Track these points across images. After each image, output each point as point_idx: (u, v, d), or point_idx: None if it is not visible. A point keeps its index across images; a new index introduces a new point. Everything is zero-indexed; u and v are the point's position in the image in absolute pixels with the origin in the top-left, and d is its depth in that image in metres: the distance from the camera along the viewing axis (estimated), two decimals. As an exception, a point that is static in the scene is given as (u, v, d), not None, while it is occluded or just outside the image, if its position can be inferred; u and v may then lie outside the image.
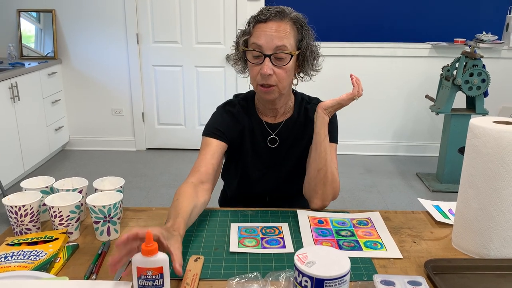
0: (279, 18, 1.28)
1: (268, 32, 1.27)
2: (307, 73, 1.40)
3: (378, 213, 1.31)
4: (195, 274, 1.00)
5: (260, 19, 1.29)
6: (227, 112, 1.45)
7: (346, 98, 1.31)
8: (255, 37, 1.29)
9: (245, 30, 1.33)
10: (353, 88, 1.31)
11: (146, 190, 3.45)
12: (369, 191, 3.50)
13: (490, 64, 3.80)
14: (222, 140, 1.40)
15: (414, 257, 1.10)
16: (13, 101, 3.34)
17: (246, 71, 1.41)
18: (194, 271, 1.01)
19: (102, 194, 1.18)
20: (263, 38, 1.27)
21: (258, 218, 1.28)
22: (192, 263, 1.04)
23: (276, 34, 1.26)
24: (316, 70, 1.41)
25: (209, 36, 4.02)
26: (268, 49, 1.27)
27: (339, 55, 3.95)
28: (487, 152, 1.03)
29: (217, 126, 1.42)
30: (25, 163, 3.52)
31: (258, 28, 1.29)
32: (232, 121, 1.44)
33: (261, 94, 1.35)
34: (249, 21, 1.33)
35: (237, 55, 1.39)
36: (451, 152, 3.43)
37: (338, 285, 0.76)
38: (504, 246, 1.06)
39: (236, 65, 1.43)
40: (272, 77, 1.29)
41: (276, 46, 1.26)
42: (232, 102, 1.48)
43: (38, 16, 3.99)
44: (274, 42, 1.26)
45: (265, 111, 1.45)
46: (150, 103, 4.22)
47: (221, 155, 1.39)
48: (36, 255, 1.03)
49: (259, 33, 1.28)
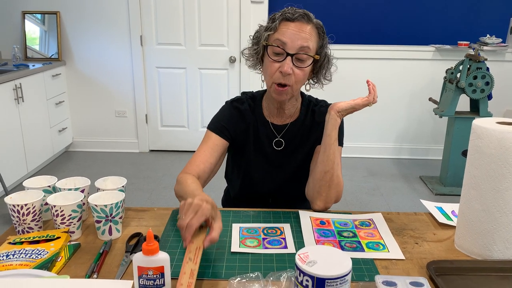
0: (306, 21, 1.29)
1: (294, 31, 1.27)
2: (319, 80, 1.40)
3: (381, 214, 1.31)
4: (198, 247, 0.98)
5: (288, 17, 1.29)
6: (235, 108, 1.45)
7: (361, 103, 1.30)
8: (280, 33, 1.28)
9: (270, 26, 1.31)
10: (369, 94, 1.30)
11: (149, 192, 3.45)
12: (372, 194, 3.49)
13: (494, 67, 3.80)
14: (225, 138, 1.40)
15: (416, 259, 1.09)
16: (17, 102, 3.35)
17: (258, 67, 1.41)
18: (197, 243, 0.99)
19: (104, 194, 1.18)
20: (288, 36, 1.27)
21: (260, 219, 1.28)
22: (195, 234, 1.01)
23: (302, 35, 1.27)
24: (328, 79, 1.41)
25: (212, 38, 4.03)
26: (292, 48, 1.27)
27: (344, 58, 3.94)
28: (490, 153, 1.02)
29: (223, 122, 1.42)
30: (29, 164, 3.53)
31: (284, 25, 1.29)
32: (238, 118, 1.44)
33: (274, 93, 1.33)
34: (274, 18, 1.31)
35: (255, 49, 1.37)
36: (454, 155, 3.42)
37: (340, 284, 0.76)
38: (507, 248, 1.06)
39: (248, 60, 1.41)
40: (290, 77, 1.28)
41: (300, 46, 1.26)
42: (240, 99, 1.47)
43: (42, 18, 4.01)
44: (299, 42, 1.26)
45: (272, 112, 1.44)
46: (153, 105, 4.23)
47: (220, 153, 1.40)
48: (37, 254, 1.03)
49: (285, 30, 1.28)
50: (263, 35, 1.32)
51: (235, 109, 1.45)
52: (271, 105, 1.43)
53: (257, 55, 1.37)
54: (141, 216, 1.29)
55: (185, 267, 0.91)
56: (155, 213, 1.31)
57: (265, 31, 1.32)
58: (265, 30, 1.32)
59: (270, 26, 1.31)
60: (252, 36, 1.39)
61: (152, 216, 1.30)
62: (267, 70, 1.33)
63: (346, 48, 3.96)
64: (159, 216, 1.29)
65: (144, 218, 1.28)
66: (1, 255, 1.02)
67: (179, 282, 0.88)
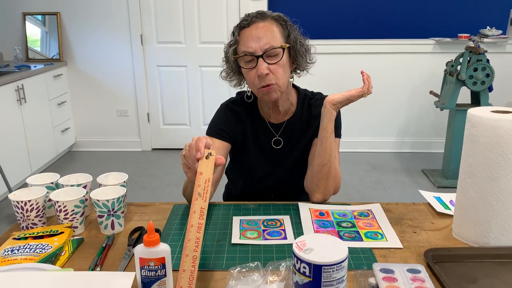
0: (261, 19, 1.30)
1: (254, 34, 1.28)
2: (302, 67, 1.40)
3: (379, 205, 1.32)
4: (207, 180, 0.94)
5: (243, 25, 1.31)
6: (230, 110, 1.46)
7: (355, 94, 1.29)
8: (242, 43, 1.30)
9: (231, 41, 1.34)
10: (363, 85, 1.30)
11: (152, 190, 3.48)
12: (375, 188, 3.50)
13: (494, 59, 3.79)
14: (226, 140, 1.41)
15: (414, 247, 1.11)
16: (19, 103, 3.38)
17: (243, 82, 1.42)
18: (206, 174, 0.95)
19: (106, 189, 1.20)
20: (250, 41, 1.28)
21: (260, 211, 1.30)
22: (204, 163, 0.97)
23: (262, 34, 1.28)
24: (311, 63, 1.41)
25: (212, 35, 4.04)
26: (257, 50, 1.28)
27: (343, 53, 3.95)
28: (485, 141, 1.04)
29: (221, 125, 1.43)
30: (32, 164, 3.56)
31: (244, 34, 1.30)
32: (235, 120, 1.45)
33: (263, 96, 1.34)
34: (233, 31, 1.34)
35: (229, 67, 1.39)
36: (456, 147, 3.42)
37: (336, 271, 0.78)
38: (504, 235, 1.07)
39: (230, 80, 1.43)
40: (269, 76, 1.29)
41: (264, 44, 1.27)
42: (236, 101, 1.48)
43: (43, 19, 4.03)
44: (261, 42, 1.27)
45: (268, 111, 1.45)
46: (155, 104, 4.25)
47: (224, 155, 1.40)
48: (42, 248, 1.05)
49: (246, 38, 1.29)
50: (229, 51, 1.34)
51: (231, 111, 1.46)
52: (265, 105, 1.44)
53: (233, 72, 1.39)
54: (143, 211, 1.31)
55: (195, 205, 0.89)
56: (157, 207, 1.34)
57: (230, 47, 1.34)
58: (229, 46, 1.34)
59: (231, 40, 1.34)
60: (223, 58, 1.41)
61: (154, 210, 1.32)
62: (247, 79, 1.35)
63: (346, 43, 3.97)
64: (161, 210, 1.31)
65: (146, 212, 1.30)
66: (6, 250, 1.04)
67: (189, 224, 0.86)
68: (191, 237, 0.86)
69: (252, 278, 0.94)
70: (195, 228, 0.86)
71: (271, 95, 1.32)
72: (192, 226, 0.86)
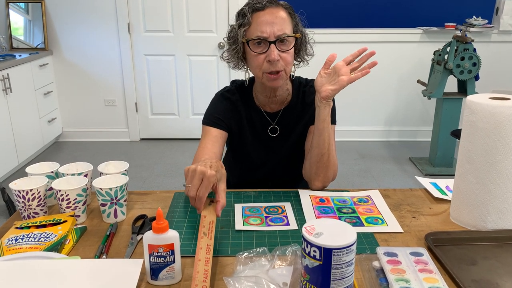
0: (275, 5, 1.30)
1: (268, 19, 1.28)
2: (303, 58, 1.42)
3: (378, 191, 1.35)
4: (211, 222, 0.98)
5: (257, 8, 1.29)
6: (226, 99, 1.46)
7: (346, 82, 1.26)
8: (255, 25, 1.29)
9: (243, 21, 1.31)
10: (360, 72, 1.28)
11: (142, 180, 3.46)
12: (364, 176, 3.55)
13: (480, 48, 3.85)
14: (222, 129, 1.41)
15: (414, 231, 1.13)
16: (5, 93, 3.32)
17: (242, 65, 1.41)
18: (209, 217, 0.99)
19: (108, 178, 1.20)
20: (265, 25, 1.27)
21: (261, 199, 1.31)
22: (206, 208, 1.01)
23: (277, 20, 1.28)
24: (310, 54, 1.43)
25: (201, 24, 4.01)
26: (272, 35, 1.27)
27: (330, 42, 3.96)
28: (484, 127, 1.06)
29: (217, 114, 1.43)
30: (19, 156, 3.51)
31: (257, 17, 1.29)
32: (231, 109, 1.45)
33: (268, 82, 1.33)
34: (244, 12, 1.31)
35: (234, 49, 1.35)
36: (443, 135, 3.48)
37: (346, 254, 0.79)
38: (501, 218, 1.10)
39: (230, 62, 1.40)
40: (279, 63, 1.29)
41: (279, 30, 1.27)
42: (231, 90, 1.48)
43: (26, 7, 3.95)
44: (277, 27, 1.27)
45: (263, 100, 1.45)
46: (143, 93, 4.22)
47: (222, 144, 1.40)
48: (46, 237, 1.04)
49: (260, 21, 1.28)
50: (239, 33, 1.31)
51: (226, 100, 1.45)
52: (262, 94, 1.44)
53: (237, 54, 1.36)
54: (144, 199, 1.31)
55: (201, 242, 0.93)
56: (158, 196, 1.34)
57: (240, 28, 1.31)
58: (240, 27, 1.31)
59: (243, 21, 1.31)
60: (227, 37, 1.38)
61: (155, 198, 1.32)
62: (253, 63, 1.33)
63: (333, 32, 3.98)
64: (162, 198, 1.32)
65: (147, 201, 1.30)
66: (10, 239, 1.04)
67: (197, 258, 0.90)
68: (199, 270, 0.89)
69: (260, 262, 0.95)
70: (202, 262, 0.90)
71: (276, 82, 1.33)
72: (200, 260, 0.90)
